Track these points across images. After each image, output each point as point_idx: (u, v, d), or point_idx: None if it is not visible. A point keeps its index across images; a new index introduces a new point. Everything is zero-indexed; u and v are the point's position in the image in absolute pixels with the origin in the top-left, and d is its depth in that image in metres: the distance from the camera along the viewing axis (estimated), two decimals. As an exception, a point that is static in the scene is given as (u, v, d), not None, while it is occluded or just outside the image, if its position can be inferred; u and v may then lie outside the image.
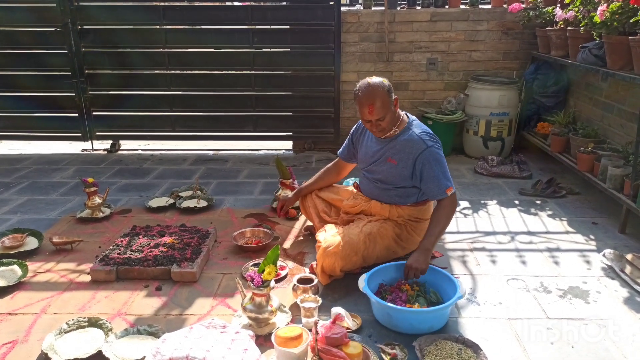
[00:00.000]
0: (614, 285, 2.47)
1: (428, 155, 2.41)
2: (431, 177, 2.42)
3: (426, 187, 2.46)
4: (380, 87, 2.38)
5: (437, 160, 2.43)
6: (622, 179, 3.05)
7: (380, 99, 2.36)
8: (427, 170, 2.42)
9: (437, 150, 2.45)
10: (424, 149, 2.42)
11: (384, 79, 2.44)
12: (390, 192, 2.57)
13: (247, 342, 1.86)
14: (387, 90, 2.39)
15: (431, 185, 2.43)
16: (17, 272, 2.56)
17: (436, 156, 2.43)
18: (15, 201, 3.64)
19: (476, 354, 1.92)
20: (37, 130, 5.00)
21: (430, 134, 2.51)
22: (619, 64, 3.07)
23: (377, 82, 2.40)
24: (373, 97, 2.36)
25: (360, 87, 2.41)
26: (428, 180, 2.43)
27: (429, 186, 2.44)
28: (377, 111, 2.37)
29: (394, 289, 2.28)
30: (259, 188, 3.91)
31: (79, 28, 4.56)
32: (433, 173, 2.41)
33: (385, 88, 2.39)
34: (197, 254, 2.67)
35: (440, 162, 2.44)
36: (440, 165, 2.43)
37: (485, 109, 4.41)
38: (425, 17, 4.53)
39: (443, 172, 2.43)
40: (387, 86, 2.41)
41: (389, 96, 2.40)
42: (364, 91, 2.38)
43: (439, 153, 2.46)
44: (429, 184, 2.43)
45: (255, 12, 4.59)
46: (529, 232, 3.09)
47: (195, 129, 4.98)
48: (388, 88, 2.40)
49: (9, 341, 2.07)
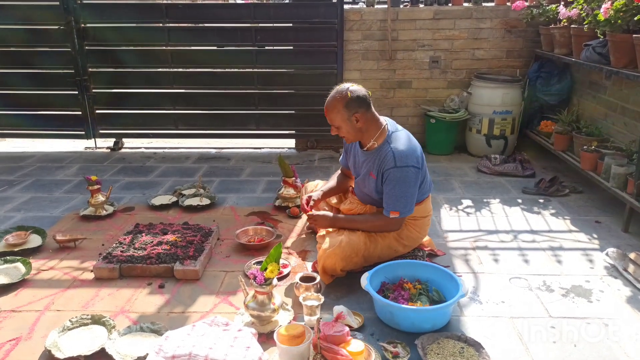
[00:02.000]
0: (617, 285, 2.46)
1: (392, 174, 2.35)
2: (386, 193, 2.41)
3: (383, 200, 2.45)
4: (339, 97, 2.33)
5: (397, 181, 2.35)
6: (626, 177, 3.04)
7: (334, 109, 2.35)
8: (386, 186, 2.40)
9: (402, 173, 2.34)
10: (391, 167, 2.34)
11: (360, 88, 2.36)
12: (381, 202, 2.52)
13: (249, 340, 1.87)
14: (346, 101, 2.31)
15: (385, 200, 2.43)
16: (21, 270, 2.58)
17: (399, 177, 2.34)
18: (19, 199, 3.65)
19: (478, 352, 1.92)
20: (40, 128, 5.03)
21: (405, 154, 2.36)
22: (622, 62, 3.05)
23: (341, 90, 2.35)
24: (328, 104, 2.38)
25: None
26: (385, 195, 2.42)
27: (384, 200, 2.43)
28: (330, 118, 2.39)
29: (397, 287, 2.28)
30: (262, 186, 3.92)
31: (82, 26, 4.57)
32: (388, 190, 2.39)
33: (344, 99, 2.31)
34: (199, 251, 2.67)
35: (401, 184, 2.35)
36: (400, 187, 2.35)
37: (488, 107, 4.41)
38: (429, 15, 4.52)
39: (399, 196, 2.36)
40: (351, 98, 2.31)
41: (346, 108, 2.32)
42: (328, 96, 2.39)
43: (406, 175, 2.34)
44: (385, 198, 2.43)
45: (258, 10, 4.60)
46: (532, 230, 3.08)
47: (198, 127, 4.98)
48: (350, 100, 2.31)
49: (13, 338, 2.08)
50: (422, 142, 4.80)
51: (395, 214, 2.39)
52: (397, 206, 2.39)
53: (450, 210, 3.39)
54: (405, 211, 2.40)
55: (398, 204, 2.38)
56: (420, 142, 4.70)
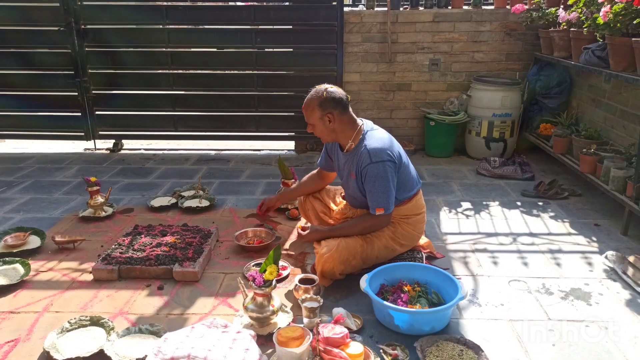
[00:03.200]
0: (616, 287, 2.46)
1: (369, 170, 2.36)
2: (368, 191, 2.41)
3: (367, 199, 2.45)
4: (315, 96, 2.39)
5: (376, 177, 2.35)
6: (625, 180, 3.04)
7: (309, 107, 2.41)
8: (366, 184, 2.40)
9: (379, 168, 2.34)
10: (367, 163, 2.35)
11: (337, 90, 2.41)
12: (367, 203, 2.51)
13: (248, 342, 1.87)
14: (320, 101, 2.37)
15: (368, 198, 2.43)
16: (20, 271, 2.57)
17: (376, 173, 2.35)
18: (18, 200, 3.65)
19: (477, 355, 1.92)
20: (40, 129, 5.03)
21: (378, 149, 2.36)
22: (622, 65, 3.06)
23: (319, 90, 2.41)
24: (305, 101, 2.44)
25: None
26: (367, 194, 2.43)
27: (367, 198, 2.44)
28: (306, 115, 2.45)
29: (396, 290, 2.28)
30: (261, 188, 3.92)
31: (83, 27, 4.58)
32: (369, 188, 2.39)
33: (319, 99, 2.37)
34: (199, 253, 2.67)
35: (380, 180, 2.35)
36: (379, 182, 2.35)
37: (488, 110, 4.41)
38: (428, 17, 4.53)
39: (380, 191, 2.36)
40: (326, 98, 2.36)
41: (320, 107, 2.38)
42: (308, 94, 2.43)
43: (382, 170, 2.35)
44: (367, 196, 2.43)
45: (258, 12, 4.60)
46: (531, 233, 3.08)
47: (198, 128, 4.99)
48: (325, 100, 2.36)
49: (11, 339, 2.08)
50: (422, 144, 4.83)
51: (380, 211, 2.40)
52: (380, 202, 2.39)
53: (450, 213, 3.40)
54: (389, 206, 2.41)
55: (381, 200, 2.39)
56: (420, 145, 4.82)
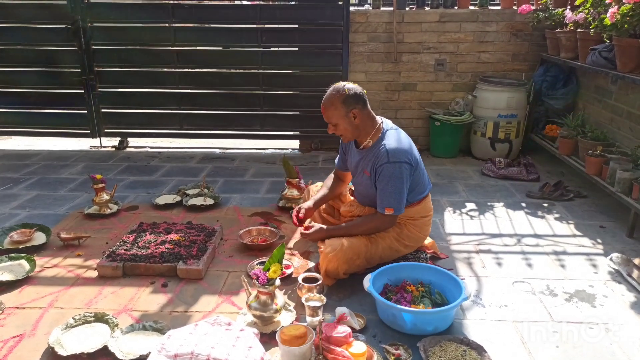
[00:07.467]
0: (620, 290, 2.45)
1: (385, 169, 2.35)
2: (380, 189, 2.41)
3: (377, 198, 2.45)
4: (336, 93, 2.37)
5: (391, 177, 2.35)
6: (631, 182, 3.02)
7: (332, 105, 2.38)
8: (379, 183, 2.40)
9: (395, 169, 2.34)
10: (384, 162, 2.35)
11: (356, 86, 2.40)
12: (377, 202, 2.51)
13: (251, 340, 1.87)
14: (343, 98, 2.35)
15: (379, 197, 2.43)
16: (25, 267, 2.59)
17: (392, 173, 2.34)
18: (24, 196, 3.67)
19: (481, 356, 1.91)
20: (46, 127, 5.06)
21: (398, 150, 2.37)
22: (629, 66, 3.05)
23: (338, 87, 2.39)
24: (325, 101, 2.40)
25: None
26: (378, 192, 2.42)
27: (378, 197, 2.43)
28: (328, 115, 2.41)
29: (399, 289, 2.28)
30: (266, 187, 3.92)
31: (89, 25, 4.60)
32: (382, 187, 2.39)
33: (342, 96, 2.35)
34: (203, 251, 2.68)
35: (394, 180, 2.35)
36: (393, 183, 2.35)
37: (494, 110, 4.40)
38: (434, 17, 4.52)
39: (392, 192, 2.36)
40: (348, 95, 2.35)
41: (344, 105, 2.36)
42: (325, 94, 2.41)
43: (398, 171, 2.35)
44: (378, 195, 2.43)
45: (264, 11, 4.61)
46: (536, 234, 3.07)
47: (203, 127, 5.00)
48: (347, 97, 2.35)
49: (16, 335, 2.09)
50: (427, 144, 4.81)
51: (390, 211, 2.39)
52: (391, 202, 2.38)
53: (454, 213, 3.39)
54: (400, 207, 2.40)
55: (392, 201, 2.38)
56: (425, 145, 4.81)
